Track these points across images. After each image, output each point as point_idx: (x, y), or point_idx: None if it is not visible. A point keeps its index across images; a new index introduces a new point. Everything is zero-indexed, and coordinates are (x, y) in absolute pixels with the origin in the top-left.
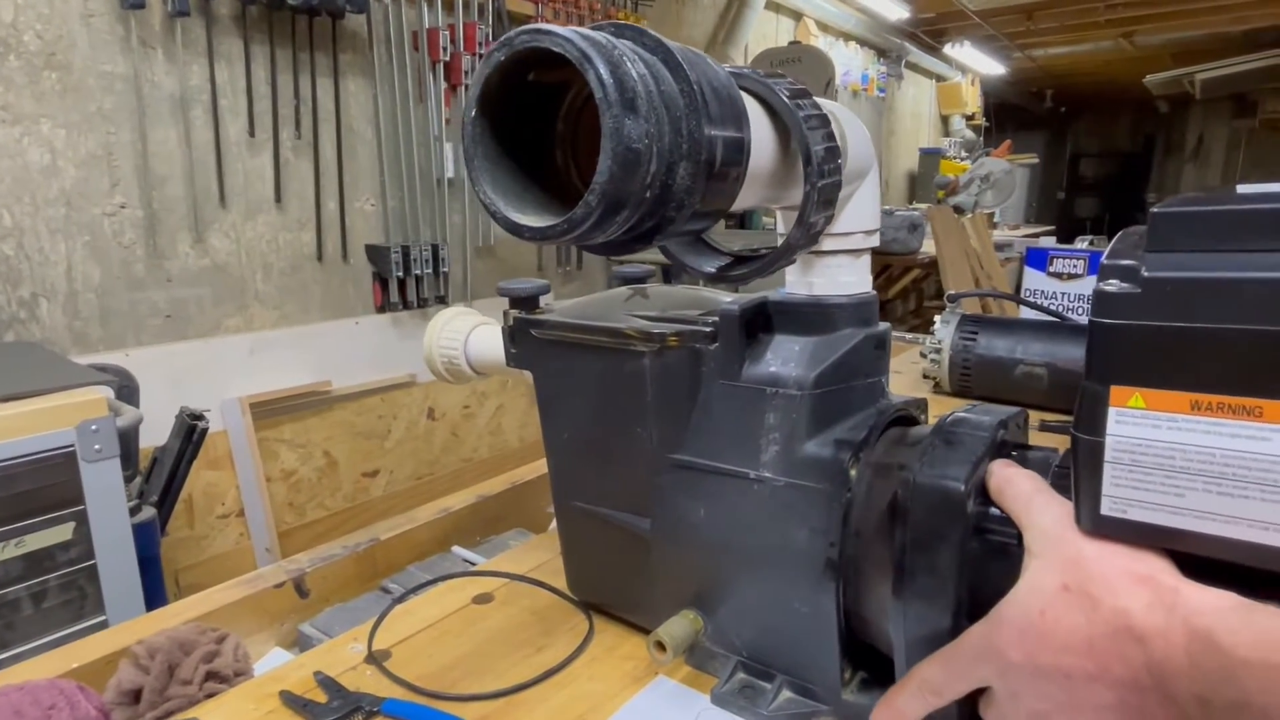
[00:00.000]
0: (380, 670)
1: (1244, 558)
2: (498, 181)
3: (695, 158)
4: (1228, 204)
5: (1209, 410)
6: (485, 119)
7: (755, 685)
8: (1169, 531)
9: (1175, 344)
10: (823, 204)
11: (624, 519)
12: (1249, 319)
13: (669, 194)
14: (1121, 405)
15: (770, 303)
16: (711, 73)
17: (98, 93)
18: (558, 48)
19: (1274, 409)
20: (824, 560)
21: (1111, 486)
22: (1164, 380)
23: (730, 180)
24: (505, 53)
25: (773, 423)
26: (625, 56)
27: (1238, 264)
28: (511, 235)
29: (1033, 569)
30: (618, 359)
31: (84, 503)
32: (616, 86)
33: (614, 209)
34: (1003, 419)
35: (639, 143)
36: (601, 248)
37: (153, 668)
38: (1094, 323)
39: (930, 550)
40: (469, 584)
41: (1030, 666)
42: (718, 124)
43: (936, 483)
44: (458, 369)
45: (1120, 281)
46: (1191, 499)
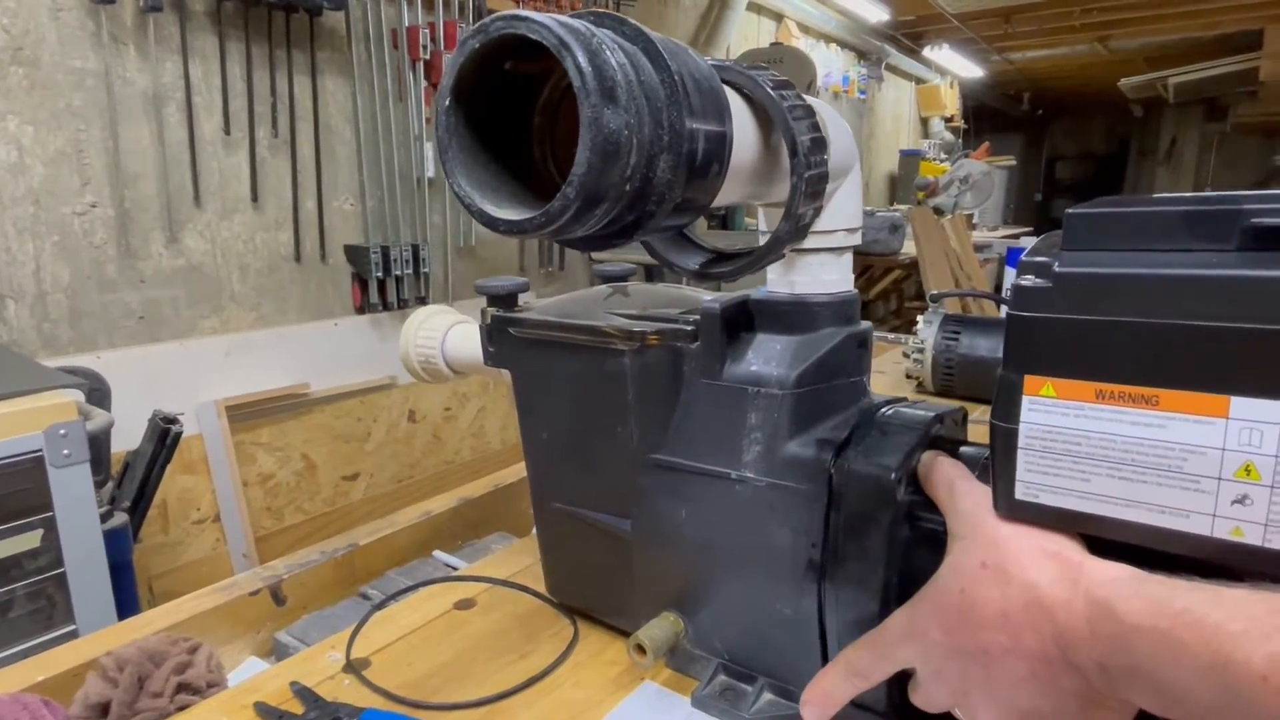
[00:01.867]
0: (359, 679)
1: (1144, 540)
2: (472, 174)
3: (676, 150)
4: (1136, 206)
5: (1112, 399)
6: (460, 108)
7: (736, 688)
8: (1076, 515)
9: (1083, 336)
10: (810, 196)
11: (604, 520)
12: (1148, 313)
13: (649, 187)
14: (1034, 394)
15: (752, 301)
16: (693, 63)
17: (67, 89)
18: (535, 34)
19: (1170, 398)
20: (806, 561)
21: (1024, 472)
22: (1072, 370)
23: (712, 174)
24: (480, 39)
25: (754, 422)
26: (605, 45)
27: (1140, 261)
28: (487, 229)
29: (954, 551)
30: (598, 358)
31: (53, 509)
32: (595, 75)
33: (592, 202)
34: (939, 414)
35: (618, 134)
36: (580, 242)
37: (121, 680)
38: (1010, 315)
39: (861, 535)
40: (450, 589)
41: (951, 644)
42: (699, 116)
43: (869, 470)
44: (435, 368)
45: (1035, 277)
46: (1096, 484)
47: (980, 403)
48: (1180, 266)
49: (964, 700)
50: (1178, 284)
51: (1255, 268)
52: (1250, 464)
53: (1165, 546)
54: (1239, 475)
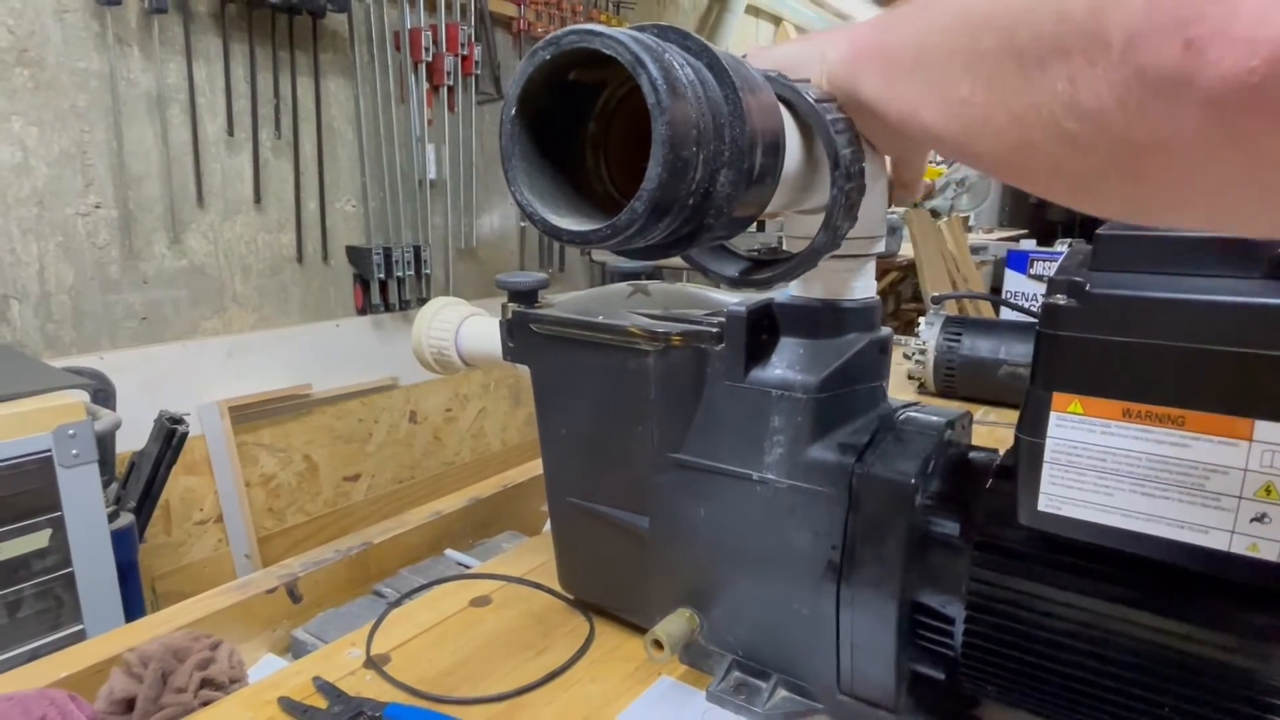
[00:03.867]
0: (380, 675)
1: (1162, 554)
2: (534, 183)
3: (737, 165)
4: (1163, 231)
5: (1139, 418)
6: (524, 119)
7: (750, 684)
8: (1097, 527)
9: (1113, 356)
10: (848, 208)
11: (621, 517)
12: (1179, 336)
13: (709, 201)
14: (1062, 411)
15: (777, 305)
16: (752, 77)
17: (71, 90)
18: (609, 50)
19: (1195, 419)
20: (825, 562)
21: (1049, 484)
22: (1101, 389)
23: (767, 186)
24: (552, 51)
25: (777, 425)
26: (675, 60)
27: (1173, 286)
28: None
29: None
30: (620, 357)
31: (61, 509)
32: (670, 92)
33: (659, 215)
34: (951, 419)
35: (688, 149)
36: (638, 252)
37: (146, 676)
38: (1041, 333)
39: (880, 539)
40: (465, 587)
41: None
42: (759, 131)
43: (889, 475)
44: (447, 360)
45: (1067, 296)
46: (1119, 498)
47: (980, 404)
48: (1209, 293)
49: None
50: (1207, 309)
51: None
52: (1272, 484)
53: (1182, 561)
54: (1260, 495)
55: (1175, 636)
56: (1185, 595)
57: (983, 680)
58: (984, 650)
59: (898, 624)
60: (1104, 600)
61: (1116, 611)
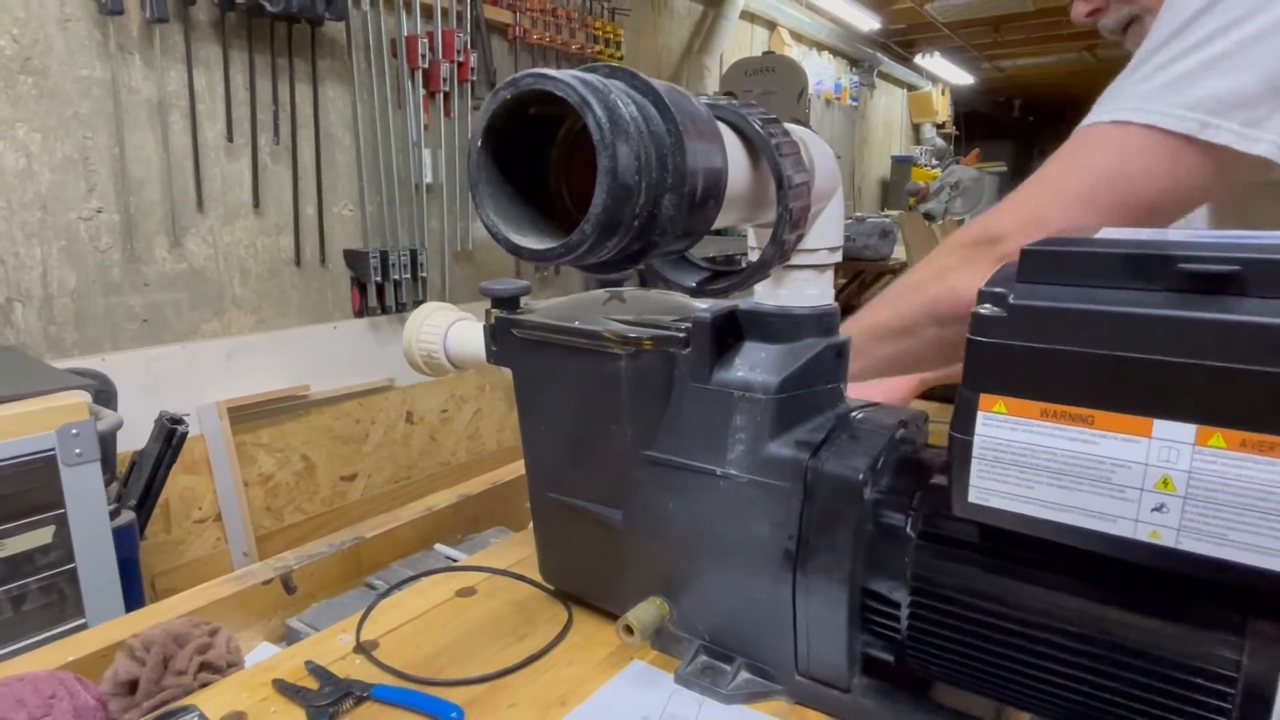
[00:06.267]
0: (369, 659)
1: (1077, 541)
2: (499, 206)
3: (679, 190)
4: (1084, 246)
5: (1054, 417)
6: (489, 149)
7: (716, 667)
8: (1021, 518)
9: (1032, 361)
10: (794, 224)
11: (597, 510)
12: (1088, 343)
13: (655, 222)
14: (988, 411)
15: (740, 312)
16: (694, 109)
17: (74, 97)
18: (560, 92)
19: (1103, 418)
20: (782, 551)
21: (977, 478)
22: (1022, 390)
23: (709, 208)
24: (511, 92)
25: (739, 424)
26: (618, 99)
27: (1085, 297)
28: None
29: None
30: (595, 360)
31: (64, 506)
32: (611, 128)
33: (607, 235)
34: (903, 419)
35: (630, 179)
36: (593, 267)
37: (148, 659)
38: (970, 340)
39: (832, 530)
40: (452, 579)
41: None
42: (700, 159)
43: (840, 471)
44: (436, 363)
45: (993, 306)
46: (1039, 491)
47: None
48: (1117, 304)
49: None
50: (1114, 320)
51: (1180, 309)
52: (1168, 478)
53: (1094, 547)
54: (1158, 487)
55: (1094, 618)
56: (1102, 580)
57: (927, 661)
58: (926, 633)
59: (849, 609)
60: (1032, 585)
61: (1043, 596)
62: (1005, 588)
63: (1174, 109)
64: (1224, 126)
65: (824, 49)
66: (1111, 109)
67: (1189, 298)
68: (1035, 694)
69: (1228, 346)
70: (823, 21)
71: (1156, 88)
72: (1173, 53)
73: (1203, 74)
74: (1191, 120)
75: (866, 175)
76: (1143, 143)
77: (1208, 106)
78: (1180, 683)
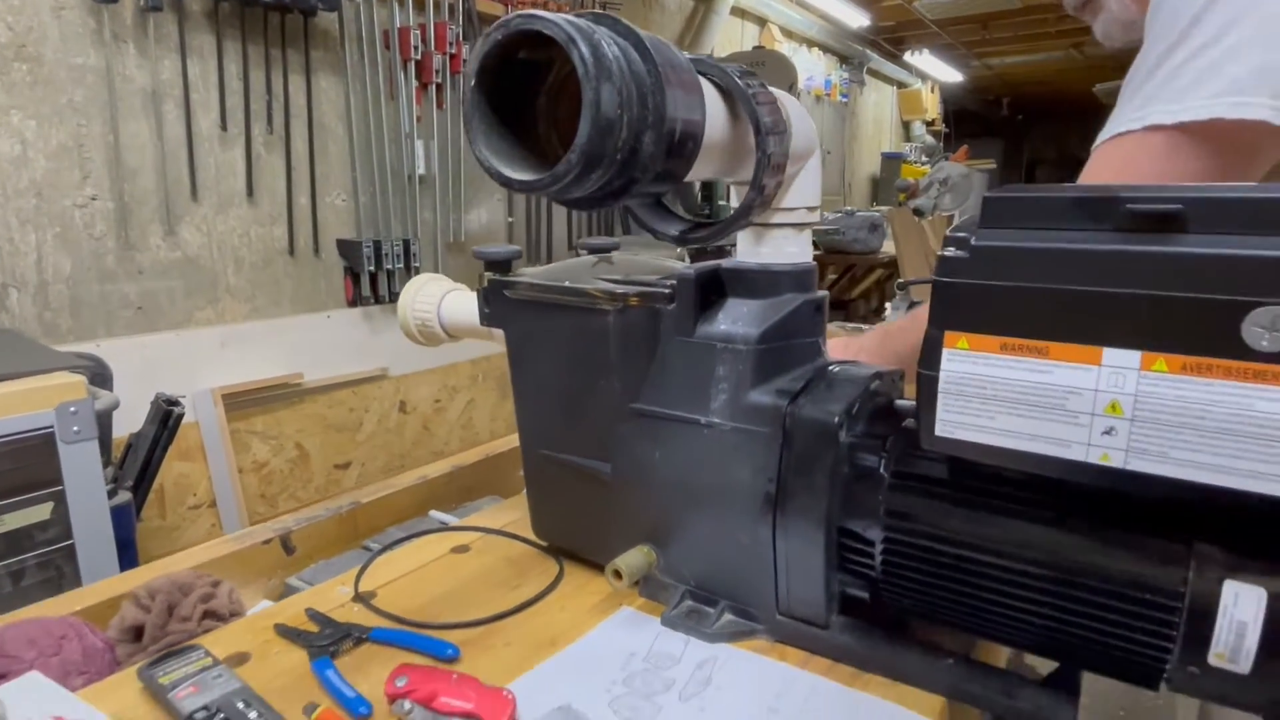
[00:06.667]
0: (367, 607)
1: (1036, 467)
2: (491, 142)
3: (659, 128)
4: (1040, 193)
5: (1012, 350)
6: (482, 89)
7: (700, 610)
8: (984, 448)
9: (991, 298)
10: (773, 169)
11: (587, 464)
12: (1043, 279)
13: (636, 158)
14: (952, 347)
15: (723, 269)
16: (674, 56)
17: (69, 85)
18: (548, 30)
19: (1056, 349)
20: (763, 495)
21: (943, 412)
22: (982, 327)
23: (689, 150)
24: (503, 32)
25: (722, 374)
26: (603, 39)
27: (1040, 238)
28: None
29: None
30: (584, 317)
31: (62, 483)
32: (596, 64)
33: (590, 167)
34: (878, 372)
35: (613, 112)
36: (577, 202)
37: (154, 606)
38: (935, 282)
39: (809, 472)
40: (447, 538)
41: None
42: (678, 101)
43: (817, 415)
44: (431, 331)
45: (956, 249)
46: (1000, 421)
47: None
48: (1068, 242)
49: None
50: (1065, 256)
51: (1126, 244)
52: (1116, 402)
53: (1051, 472)
54: (1108, 411)
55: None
56: (1060, 509)
57: (900, 595)
58: (899, 568)
59: (826, 548)
60: (995, 516)
61: (1006, 527)
62: (971, 521)
63: (1202, 100)
64: (1255, 103)
65: (814, 45)
66: (1133, 119)
67: (1135, 235)
68: (1002, 622)
69: (1169, 278)
70: (813, 18)
71: (1181, 88)
72: (1181, 57)
73: (1221, 65)
74: (1223, 104)
75: (857, 171)
76: (1168, 144)
77: (1236, 89)
78: (1134, 601)
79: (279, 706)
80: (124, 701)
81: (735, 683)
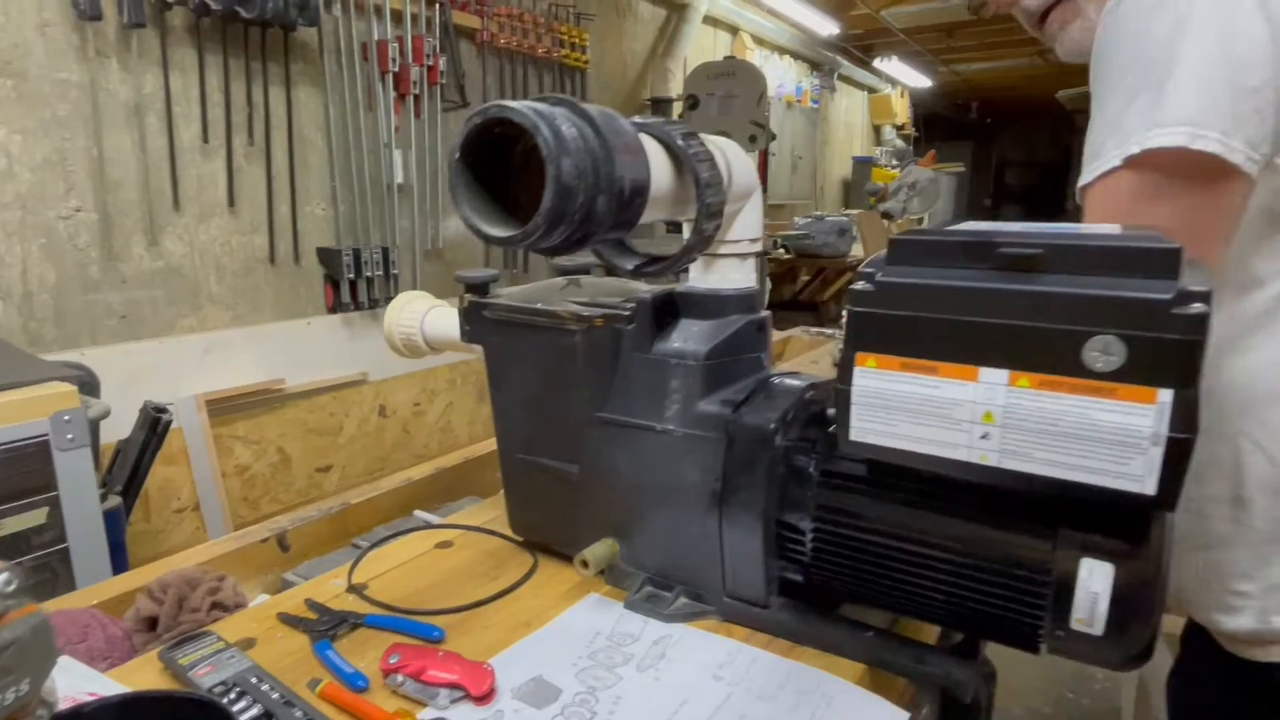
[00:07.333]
0: (360, 597)
1: (931, 466)
2: (474, 204)
3: (610, 190)
4: (935, 236)
5: (910, 369)
6: (465, 162)
7: (659, 594)
8: (890, 450)
9: (893, 325)
10: (710, 216)
11: (558, 466)
12: (933, 310)
13: (592, 215)
14: (863, 365)
15: (677, 293)
16: (622, 127)
17: (53, 99)
18: (517, 119)
19: (944, 368)
20: (710, 492)
21: (856, 420)
22: (887, 349)
23: (636, 204)
24: (481, 118)
25: (675, 386)
26: (562, 122)
27: (932, 275)
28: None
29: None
30: (555, 336)
31: (57, 489)
32: (556, 143)
33: (554, 225)
34: (813, 382)
35: (572, 181)
36: (547, 250)
37: (166, 599)
38: (849, 310)
39: (749, 471)
40: (431, 535)
41: None
42: (626, 166)
43: (755, 423)
44: (414, 344)
45: (865, 283)
46: (901, 428)
47: None
48: (954, 280)
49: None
50: (950, 291)
51: (999, 283)
52: (990, 412)
53: (942, 470)
54: (984, 419)
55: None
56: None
57: (828, 577)
58: (826, 553)
59: (764, 537)
60: (902, 508)
61: (911, 516)
62: (884, 512)
63: (1162, 129)
64: (1210, 136)
65: (785, 53)
66: (1097, 166)
67: (1005, 274)
68: (912, 599)
69: (1029, 311)
70: (784, 26)
71: (1135, 124)
72: (1125, 96)
73: (1165, 99)
74: (1181, 134)
75: (828, 175)
76: (1135, 180)
77: (1189, 120)
78: (1012, 578)
79: (287, 682)
80: (147, 681)
81: (686, 656)
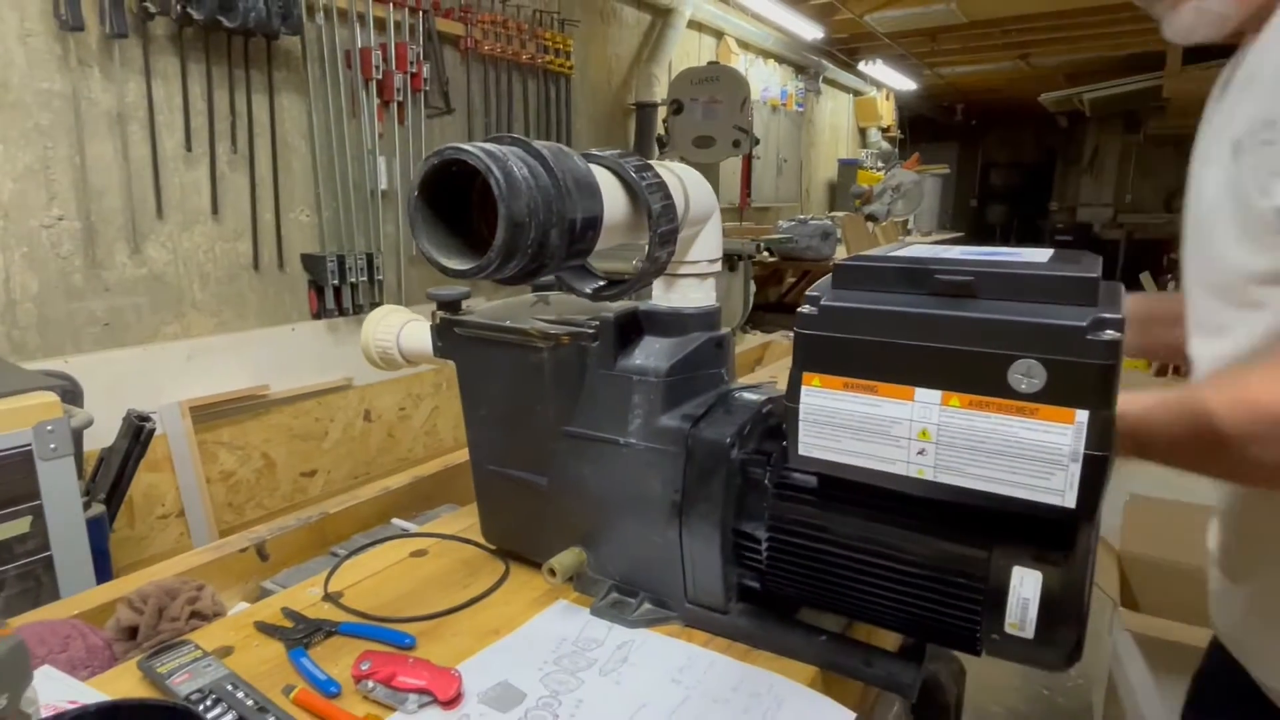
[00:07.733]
0: (336, 605)
1: (872, 480)
2: (432, 237)
3: (561, 226)
4: (875, 262)
5: (852, 388)
6: (424, 197)
7: (624, 601)
8: (835, 464)
9: (836, 347)
10: (662, 243)
11: (527, 477)
12: (873, 333)
13: (545, 249)
14: (809, 385)
15: (640, 312)
16: (574, 167)
17: (35, 109)
18: (470, 160)
19: (883, 388)
20: (670, 503)
21: (803, 435)
22: (831, 369)
23: (589, 236)
24: (437, 159)
25: (637, 401)
26: (513, 162)
27: (872, 300)
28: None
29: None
30: (523, 353)
31: (40, 498)
32: (507, 184)
33: (508, 259)
34: (770, 397)
35: (522, 219)
36: (503, 280)
37: (146, 609)
38: (795, 332)
39: (707, 483)
40: (407, 543)
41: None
42: (577, 204)
43: (713, 437)
44: (391, 358)
45: (810, 306)
46: (845, 443)
47: None
48: (892, 304)
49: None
50: (888, 315)
51: (933, 309)
52: (925, 429)
53: (883, 484)
54: (920, 436)
55: (890, 540)
56: (894, 511)
57: (782, 583)
58: (780, 560)
59: (722, 546)
60: (848, 517)
61: (856, 525)
62: (832, 522)
63: None
64: None
65: (770, 57)
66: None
67: (941, 300)
68: (860, 604)
69: (959, 335)
70: (768, 30)
71: None
72: None
73: None
74: None
75: (814, 178)
76: None
77: None
78: (951, 585)
79: (262, 689)
80: (127, 689)
81: (647, 660)
